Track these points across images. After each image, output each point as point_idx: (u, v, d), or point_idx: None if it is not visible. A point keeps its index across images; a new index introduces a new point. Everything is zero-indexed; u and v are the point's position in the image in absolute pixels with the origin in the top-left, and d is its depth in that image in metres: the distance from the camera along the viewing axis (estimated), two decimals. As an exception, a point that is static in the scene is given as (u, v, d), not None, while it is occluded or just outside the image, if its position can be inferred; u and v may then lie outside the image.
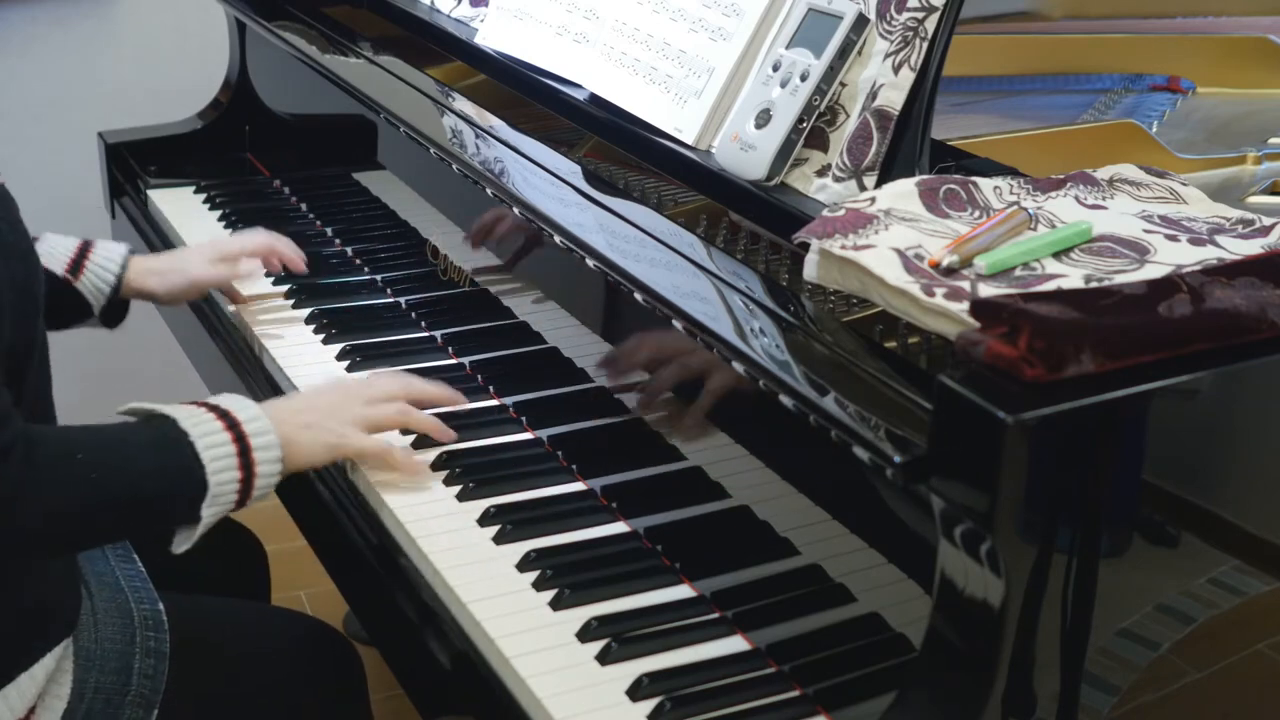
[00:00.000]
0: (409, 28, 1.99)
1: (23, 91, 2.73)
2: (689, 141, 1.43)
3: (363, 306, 1.84)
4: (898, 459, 0.97)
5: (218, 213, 2.12)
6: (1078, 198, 1.22)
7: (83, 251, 1.72)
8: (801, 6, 1.35)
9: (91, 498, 1.23)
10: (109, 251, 1.73)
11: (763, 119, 1.32)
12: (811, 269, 1.14)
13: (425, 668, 1.30)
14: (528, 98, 1.66)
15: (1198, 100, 1.92)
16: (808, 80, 1.31)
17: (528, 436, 1.53)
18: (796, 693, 1.17)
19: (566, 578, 1.29)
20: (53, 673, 1.33)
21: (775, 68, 1.34)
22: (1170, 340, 0.97)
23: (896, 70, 1.27)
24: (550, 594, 1.27)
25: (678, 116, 1.45)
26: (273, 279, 1.88)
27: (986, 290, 1.04)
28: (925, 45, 1.26)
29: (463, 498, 1.41)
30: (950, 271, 1.07)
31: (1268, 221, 1.17)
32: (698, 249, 1.29)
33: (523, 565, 1.31)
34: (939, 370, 0.96)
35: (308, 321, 1.79)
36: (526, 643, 1.21)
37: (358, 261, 1.96)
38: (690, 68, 1.46)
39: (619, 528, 1.38)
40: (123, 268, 1.72)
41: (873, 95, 1.28)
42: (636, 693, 1.16)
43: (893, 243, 1.10)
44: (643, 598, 1.27)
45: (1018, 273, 1.08)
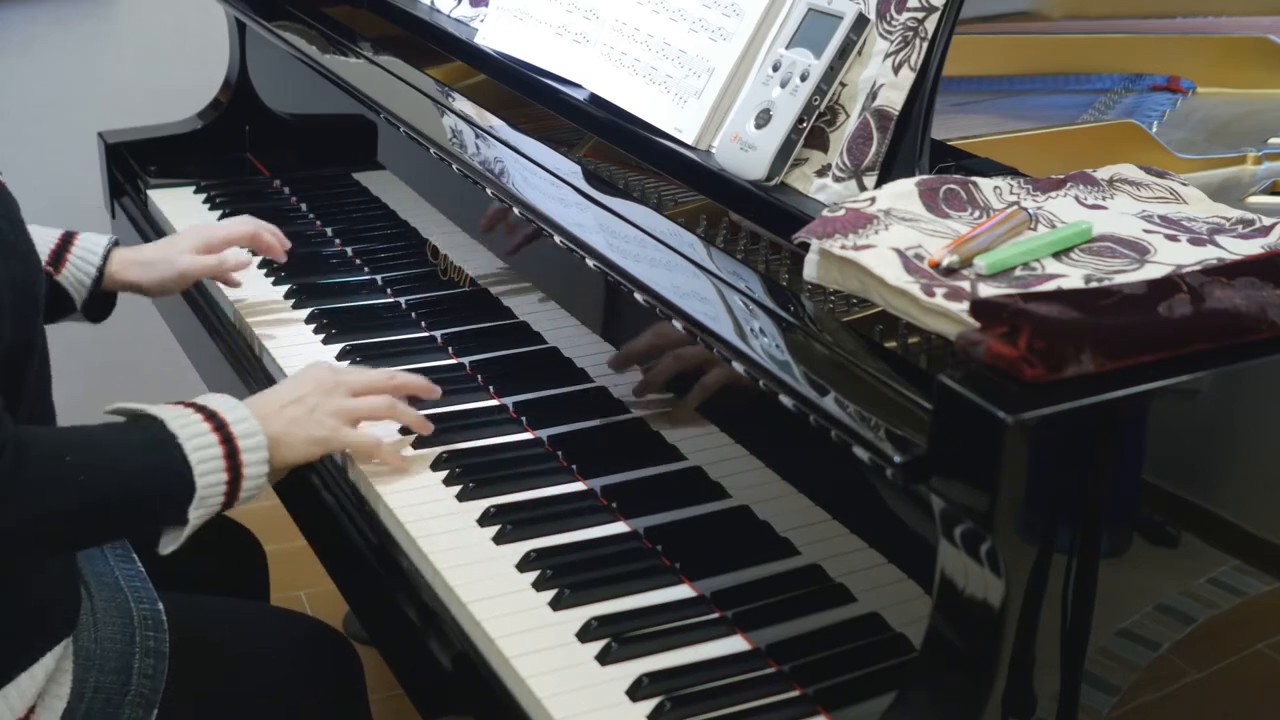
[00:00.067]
0: (409, 28, 1.99)
1: (23, 91, 2.73)
2: (689, 141, 1.43)
3: (363, 306, 1.84)
4: (898, 459, 0.97)
5: (218, 213, 2.12)
6: (1078, 198, 1.22)
7: (65, 243, 1.68)
8: (801, 6, 1.35)
9: (80, 499, 1.23)
10: (90, 243, 1.70)
11: (763, 119, 1.32)
12: (811, 269, 1.14)
13: (425, 668, 1.30)
14: (528, 98, 1.66)
15: (1198, 100, 1.92)
16: (808, 80, 1.31)
17: (528, 436, 1.53)
18: (796, 693, 1.17)
19: (566, 578, 1.29)
20: (52, 672, 1.33)
21: (775, 68, 1.34)
22: (1170, 340, 0.97)
23: (896, 70, 1.27)
24: (550, 594, 1.27)
25: (678, 116, 1.45)
26: (273, 279, 1.88)
27: (986, 290, 1.04)
28: (925, 45, 1.26)
29: (463, 498, 1.41)
30: (950, 271, 1.07)
31: (1268, 221, 1.17)
32: (698, 249, 1.29)
33: (523, 565, 1.31)
34: (939, 370, 0.96)
35: (308, 321, 1.79)
36: (526, 643, 1.21)
37: (358, 261, 1.96)
38: (690, 68, 1.46)
39: (619, 528, 1.38)
40: (105, 260, 1.69)
41: (873, 95, 1.28)
42: (636, 693, 1.16)
43: (893, 243, 1.10)
44: (643, 598, 1.27)
45: (1018, 273, 1.08)
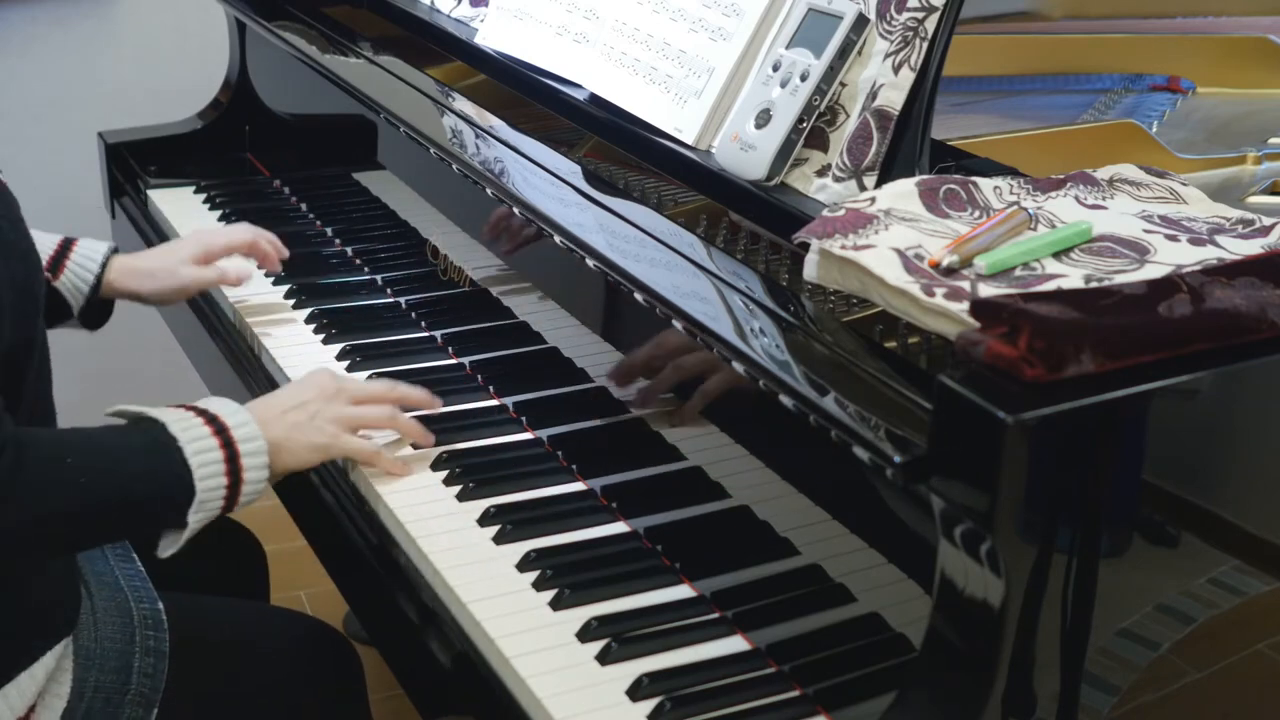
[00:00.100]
0: (409, 28, 1.99)
1: (23, 91, 2.73)
2: (689, 141, 1.43)
3: (363, 306, 1.84)
4: (898, 459, 0.97)
5: (218, 213, 2.12)
6: (1078, 198, 1.22)
7: (63, 249, 1.68)
8: (801, 6, 1.35)
9: (80, 501, 1.23)
10: (89, 250, 1.69)
11: (763, 119, 1.32)
12: (811, 269, 1.14)
13: (425, 668, 1.30)
14: (528, 98, 1.66)
15: (1198, 100, 1.92)
16: (808, 80, 1.31)
17: (528, 436, 1.53)
18: (796, 693, 1.17)
19: (566, 578, 1.29)
20: (53, 671, 1.33)
21: (775, 68, 1.34)
22: (1170, 340, 0.97)
23: (896, 70, 1.27)
24: (550, 594, 1.27)
25: (678, 116, 1.45)
26: (273, 279, 1.88)
27: (986, 290, 1.04)
28: (925, 45, 1.26)
29: (463, 498, 1.41)
30: (950, 271, 1.07)
31: (1268, 221, 1.17)
32: (698, 249, 1.29)
33: (523, 565, 1.31)
34: (939, 370, 0.96)
35: (308, 321, 1.79)
36: (526, 643, 1.21)
37: (358, 261, 1.96)
38: (690, 68, 1.46)
39: (619, 528, 1.38)
40: (103, 267, 1.69)
41: (873, 95, 1.28)
42: (636, 693, 1.16)
43: (893, 243, 1.10)
44: (643, 598, 1.27)
45: (1018, 273, 1.08)
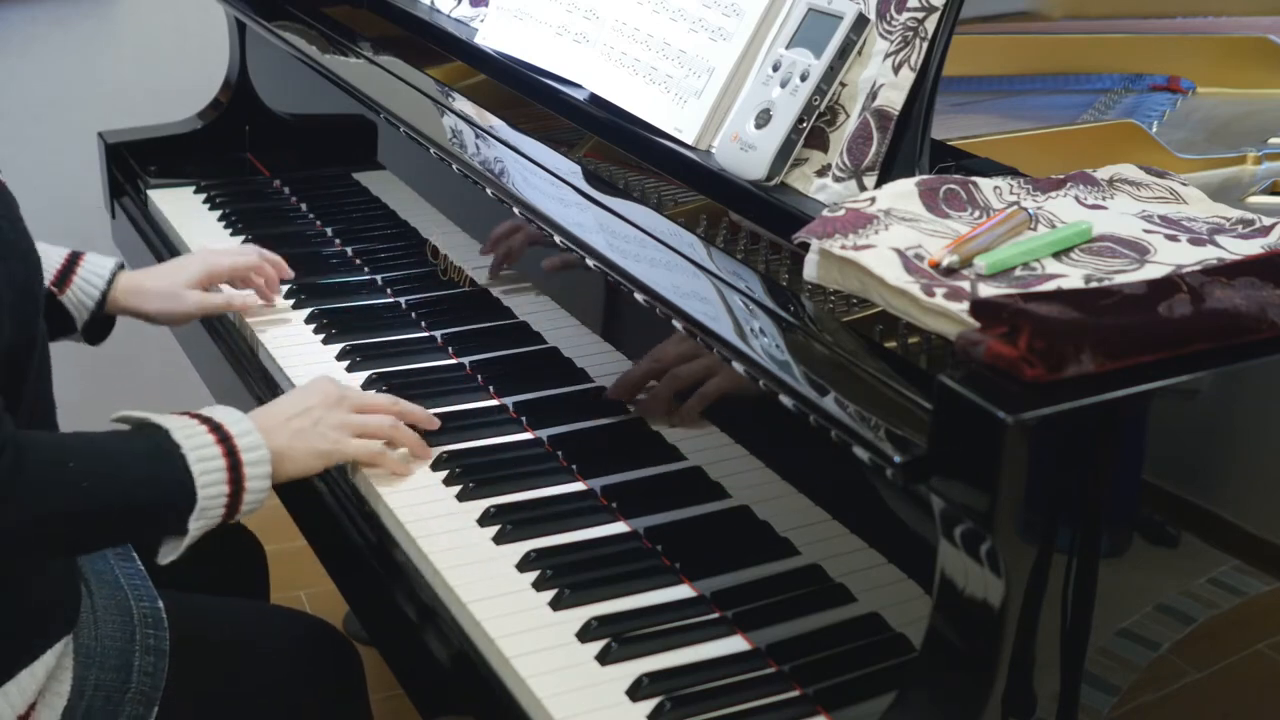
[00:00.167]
0: (409, 28, 1.99)
1: (23, 91, 2.73)
2: (689, 141, 1.43)
3: (363, 306, 1.84)
4: (898, 459, 0.97)
5: (218, 213, 2.12)
6: (1078, 198, 1.22)
7: (71, 264, 1.68)
8: (801, 6, 1.35)
9: (82, 504, 1.23)
10: (96, 266, 1.69)
11: (763, 119, 1.32)
12: (811, 269, 1.14)
13: (425, 668, 1.30)
14: (528, 98, 1.66)
15: (1198, 100, 1.92)
16: (808, 80, 1.31)
17: (528, 436, 1.53)
18: (796, 693, 1.17)
19: (566, 578, 1.29)
20: (53, 670, 1.33)
21: (775, 68, 1.34)
22: (1170, 340, 0.97)
23: (896, 70, 1.27)
24: (550, 594, 1.27)
25: (678, 116, 1.45)
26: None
27: (986, 290, 1.04)
28: (925, 45, 1.26)
29: (463, 498, 1.41)
30: (950, 271, 1.07)
31: (1268, 221, 1.17)
32: (698, 249, 1.29)
33: (523, 565, 1.31)
34: (939, 370, 0.96)
35: (308, 321, 1.79)
36: (526, 643, 1.21)
37: (358, 261, 1.96)
38: (690, 68, 1.46)
39: (619, 528, 1.38)
40: (109, 284, 1.69)
41: (873, 95, 1.28)
42: (636, 693, 1.16)
43: (893, 243, 1.10)
44: (643, 598, 1.27)
45: (1018, 273, 1.08)
